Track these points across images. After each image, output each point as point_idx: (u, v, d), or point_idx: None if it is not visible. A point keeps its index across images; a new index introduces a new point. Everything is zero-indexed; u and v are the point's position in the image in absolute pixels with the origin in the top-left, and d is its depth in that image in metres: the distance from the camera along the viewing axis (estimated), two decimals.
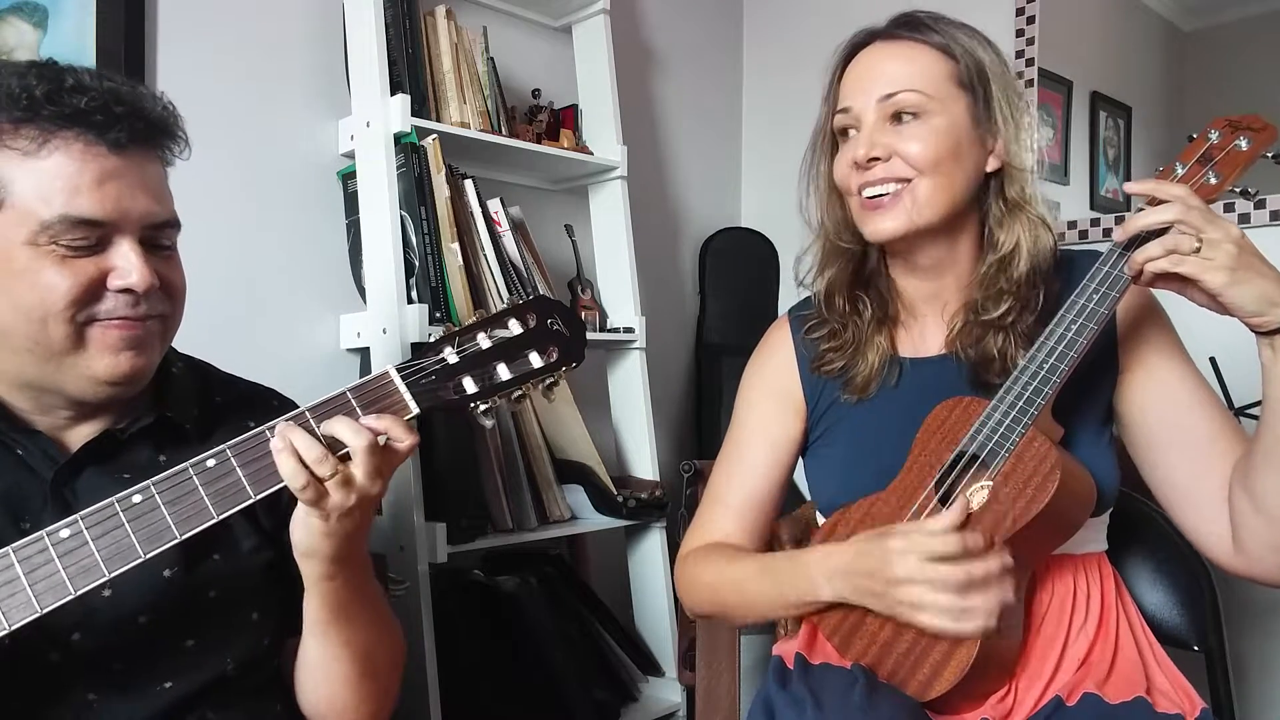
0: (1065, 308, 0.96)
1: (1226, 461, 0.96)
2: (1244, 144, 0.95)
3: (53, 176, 0.82)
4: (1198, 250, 0.86)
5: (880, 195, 1.02)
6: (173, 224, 0.91)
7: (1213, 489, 0.96)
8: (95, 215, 0.83)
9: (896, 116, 1.02)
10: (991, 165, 1.04)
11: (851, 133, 1.06)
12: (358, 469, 0.83)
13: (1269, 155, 0.96)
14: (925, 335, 1.11)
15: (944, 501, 0.97)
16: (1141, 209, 0.92)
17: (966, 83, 1.03)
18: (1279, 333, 0.86)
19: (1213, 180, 0.94)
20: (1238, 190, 0.96)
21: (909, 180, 1.01)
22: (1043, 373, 0.95)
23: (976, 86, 1.03)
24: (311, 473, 0.81)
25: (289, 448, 0.81)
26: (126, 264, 0.85)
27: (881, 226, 1.03)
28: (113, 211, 0.84)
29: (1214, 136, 0.96)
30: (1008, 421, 0.95)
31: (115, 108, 0.84)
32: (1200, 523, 0.98)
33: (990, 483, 0.95)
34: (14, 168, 0.82)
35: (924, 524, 0.91)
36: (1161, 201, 0.90)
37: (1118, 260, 0.94)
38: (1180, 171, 0.95)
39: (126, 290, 0.85)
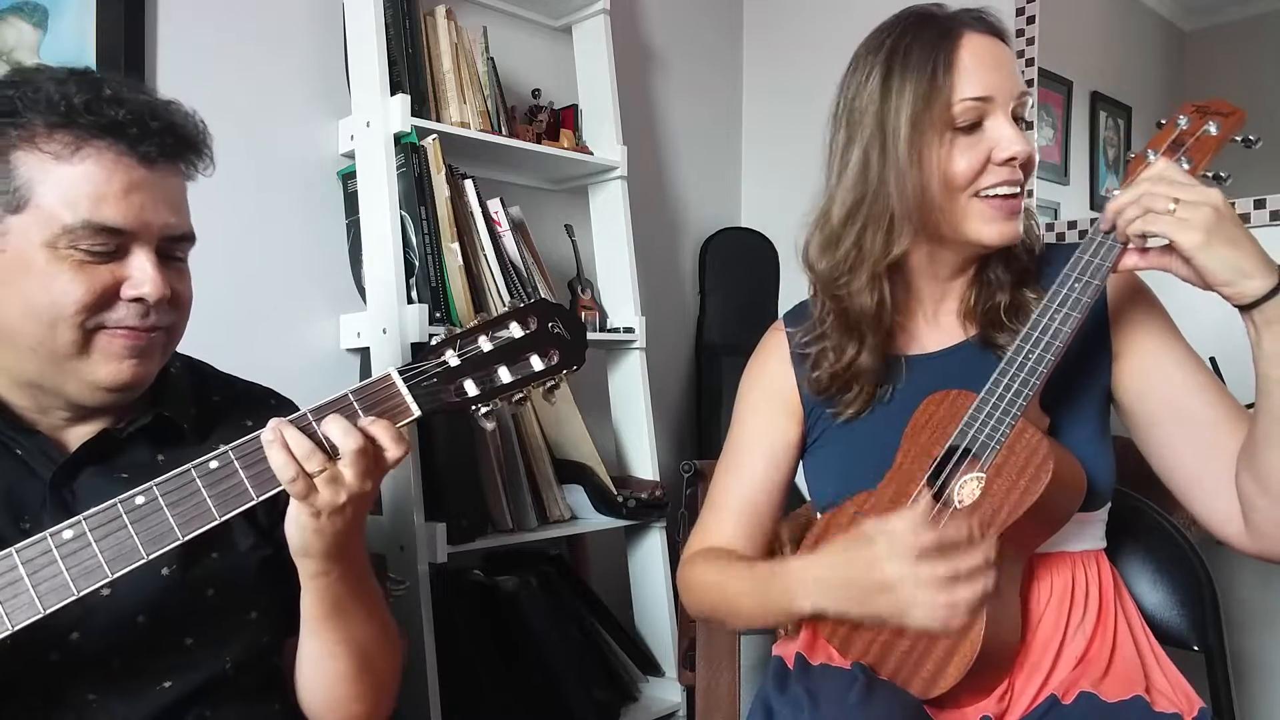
0: (1049, 297, 0.97)
1: (1233, 442, 0.95)
2: (1213, 129, 0.96)
3: (81, 183, 0.83)
4: (1173, 211, 0.87)
5: (1012, 196, 1.01)
6: (189, 237, 0.93)
7: (1220, 470, 0.96)
8: (118, 224, 0.84)
9: (1016, 117, 1.01)
10: None
11: (973, 128, 1.00)
12: (346, 469, 0.84)
13: (1238, 139, 0.97)
14: (930, 332, 1.11)
15: (938, 497, 0.98)
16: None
17: None
18: (1256, 306, 0.86)
19: (1185, 165, 0.95)
20: (1209, 175, 0.97)
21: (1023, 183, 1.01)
22: (1029, 363, 0.95)
23: None
24: (301, 466, 0.82)
25: (279, 440, 0.82)
26: (141, 274, 0.86)
27: (1010, 233, 1.01)
28: (135, 221, 0.85)
29: (1183, 122, 0.98)
30: (997, 414, 0.95)
31: (151, 122, 0.86)
32: (1211, 505, 0.98)
33: (983, 475, 0.95)
34: (42, 171, 0.83)
35: (894, 523, 0.90)
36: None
37: (1098, 248, 0.95)
38: (1153, 158, 0.96)
39: (138, 300, 0.86)
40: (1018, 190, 1.00)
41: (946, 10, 1.04)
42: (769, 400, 1.17)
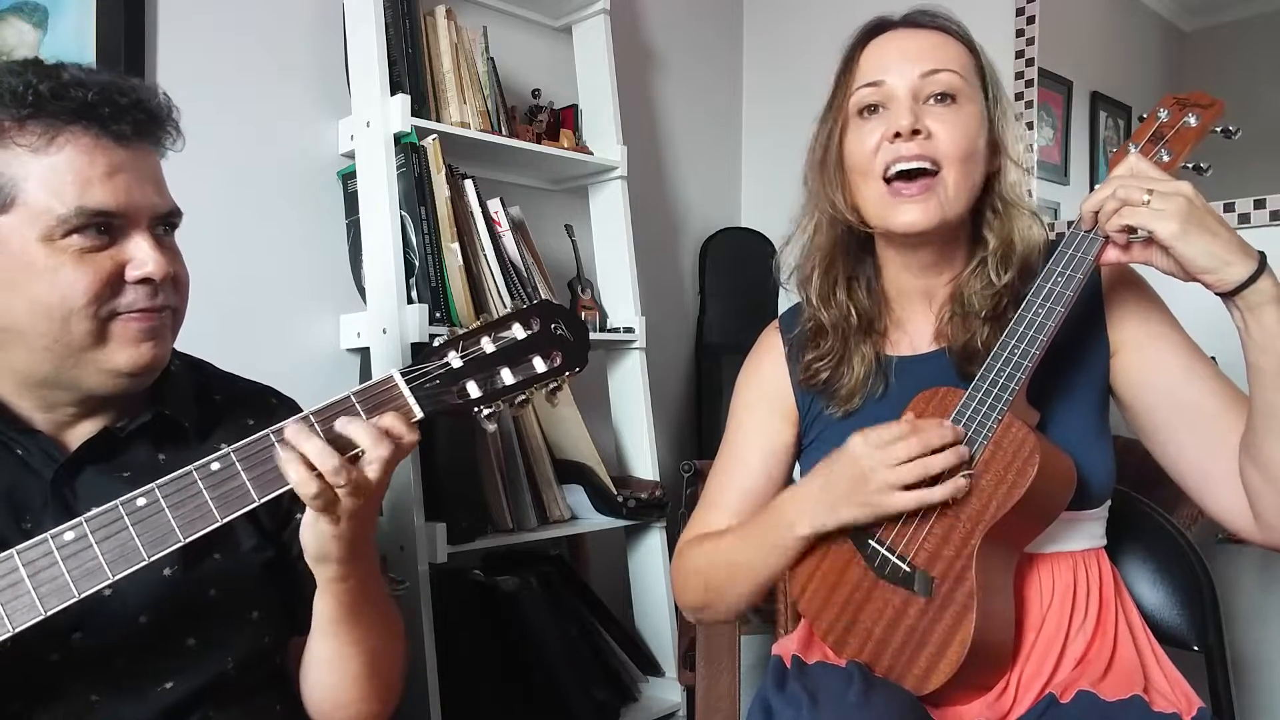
0: (1032, 293, 0.97)
1: (1236, 433, 0.94)
2: (1193, 120, 0.97)
3: (64, 170, 0.82)
4: (1148, 203, 0.88)
5: (910, 174, 0.99)
6: (176, 214, 0.92)
7: (1225, 462, 0.95)
8: (109, 206, 0.84)
9: (936, 97, 1.01)
10: (992, 164, 1.05)
11: (880, 110, 1.02)
12: (372, 471, 0.82)
13: (1218, 130, 0.98)
14: (915, 333, 1.11)
15: None
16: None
17: (983, 79, 1.04)
18: (1239, 293, 0.86)
19: (1165, 157, 0.96)
20: (1190, 166, 0.98)
21: (938, 169, 0.99)
22: (1015, 358, 0.96)
23: (989, 84, 1.05)
24: (322, 480, 0.80)
25: (297, 458, 0.80)
26: (142, 254, 0.86)
27: (914, 219, 1.00)
28: (125, 203, 0.85)
29: (1163, 115, 0.99)
30: (984, 409, 0.96)
31: (120, 99, 0.85)
32: (1219, 498, 0.97)
33: (971, 471, 0.95)
34: (22, 166, 0.82)
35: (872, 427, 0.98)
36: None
37: (1080, 242, 0.96)
38: (1134, 150, 0.97)
39: (145, 281, 0.86)
40: (920, 169, 0.99)
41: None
42: (765, 401, 1.17)
